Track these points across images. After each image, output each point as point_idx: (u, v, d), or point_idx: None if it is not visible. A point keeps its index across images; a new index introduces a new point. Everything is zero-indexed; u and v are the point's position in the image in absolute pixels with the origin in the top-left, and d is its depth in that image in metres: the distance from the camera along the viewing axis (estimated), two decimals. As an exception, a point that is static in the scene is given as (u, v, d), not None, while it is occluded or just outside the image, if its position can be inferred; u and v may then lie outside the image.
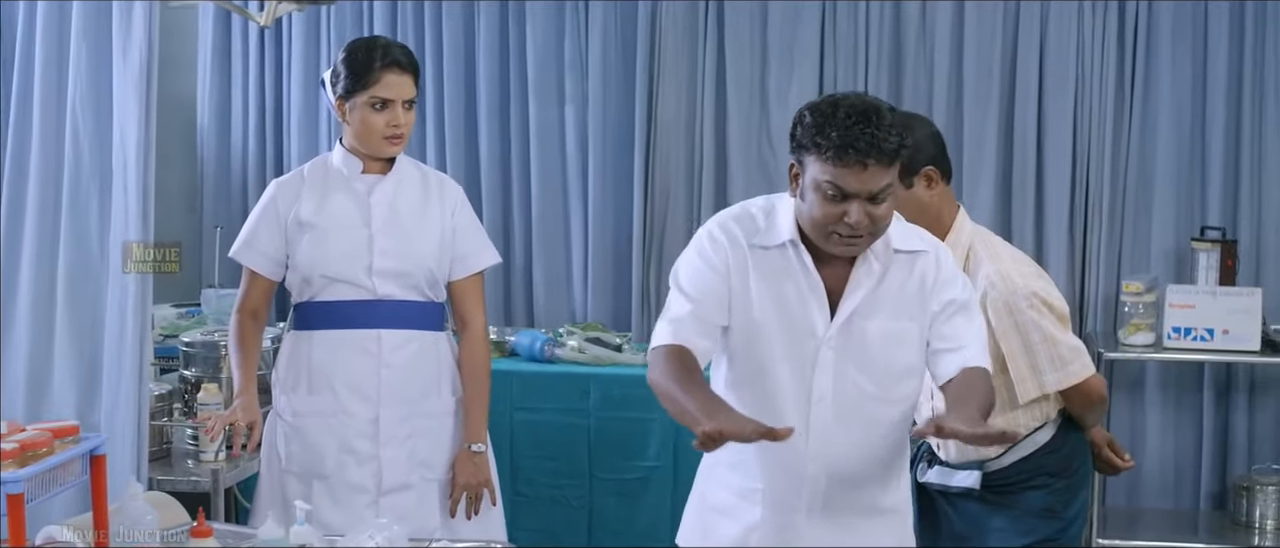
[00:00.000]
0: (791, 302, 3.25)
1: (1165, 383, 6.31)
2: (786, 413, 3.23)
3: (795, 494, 3.33)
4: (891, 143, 3.07)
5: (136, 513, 3.08)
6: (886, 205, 3.14)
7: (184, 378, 4.64)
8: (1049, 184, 6.30)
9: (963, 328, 3.28)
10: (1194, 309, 5.76)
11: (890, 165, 3.10)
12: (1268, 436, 6.27)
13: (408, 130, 4.16)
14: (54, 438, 2.99)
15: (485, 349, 4.30)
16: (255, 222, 4.22)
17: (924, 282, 3.29)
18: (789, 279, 3.26)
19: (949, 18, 6.30)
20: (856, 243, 3.17)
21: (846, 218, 3.10)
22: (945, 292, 3.30)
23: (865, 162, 3.05)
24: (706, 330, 3.26)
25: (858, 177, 3.07)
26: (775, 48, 6.42)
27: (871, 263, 3.25)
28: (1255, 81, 6.16)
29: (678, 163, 6.51)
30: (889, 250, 3.27)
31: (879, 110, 3.09)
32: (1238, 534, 5.99)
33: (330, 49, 6.65)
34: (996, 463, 3.84)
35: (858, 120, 3.05)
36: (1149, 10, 6.20)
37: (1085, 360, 3.80)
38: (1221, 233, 6.08)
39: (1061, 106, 6.26)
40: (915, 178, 3.78)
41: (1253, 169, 6.19)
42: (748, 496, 3.38)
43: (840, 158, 3.06)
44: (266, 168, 6.79)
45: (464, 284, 4.25)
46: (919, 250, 3.32)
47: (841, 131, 3.05)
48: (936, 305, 3.29)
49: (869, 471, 3.34)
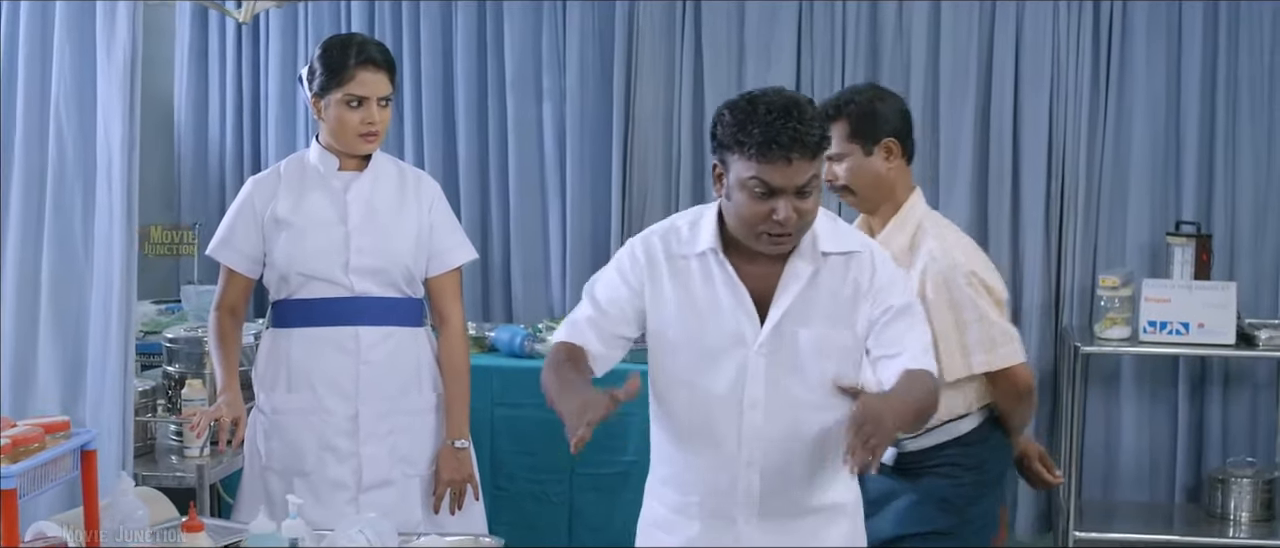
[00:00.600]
0: (715, 310, 3.24)
1: (1140, 376, 6.36)
2: (718, 421, 3.24)
3: (731, 503, 3.31)
4: (814, 135, 3.08)
5: (128, 508, 3.09)
6: (813, 199, 3.15)
7: (167, 374, 4.65)
8: (1025, 180, 6.34)
9: (903, 333, 3.25)
10: (1169, 303, 5.80)
11: (813, 158, 3.10)
12: (1242, 428, 6.33)
13: (383, 128, 4.17)
14: (45, 433, 2.99)
15: (464, 345, 4.32)
16: (232, 220, 4.23)
17: (858, 286, 3.26)
18: (711, 288, 3.25)
19: (925, 17, 6.34)
20: (785, 240, 3.17)
21: (774, 215, 3.11)
22: (885, 298, 3.26)
23: (789, 156, 3.06)
24: (603, 337, 3.29)
25: (783, 172, 3.08)
26: (752, 46, 6.45)
27: (798, 266, 3.23)
28: (1229, 78, 6.21)
29: (655, 160, 6.53)
30: (817, 252, 3.24)
31: (799, 104, 3.10)
32: (1213, 527, 6.04)
33: (308, 46, 6.65)
34: (913, 443, 3.85)
35: (779, 115, 3.06)
36: (1124, 10, 6.25)
37: (1017, 347, 3.84)
38: (1196, 227, 6.12)
39: (1037, 104, 6.30)
40: (876, 146, 3.85)
41: (1227, 164, 6.24)
42: (684, 510, 3.38)
43: (764, 154, 3.06)
44: (243, 165, 6.79)
45: (441, 280, 4.27)
46: (851, 251, 3.29)
47: (763, 128, 3.06)
48: (877, 311, 3.25)
49: (806, 472, 3.31)
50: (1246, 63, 6.20)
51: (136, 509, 3.10)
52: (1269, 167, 6.25)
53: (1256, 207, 6.26)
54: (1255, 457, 6.20)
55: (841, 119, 3.86)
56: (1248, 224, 6.27)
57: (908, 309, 3.27)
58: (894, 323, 3.24)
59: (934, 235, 3.84)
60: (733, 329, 3.23)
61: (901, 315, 3.25)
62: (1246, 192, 6.26)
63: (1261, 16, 6.17)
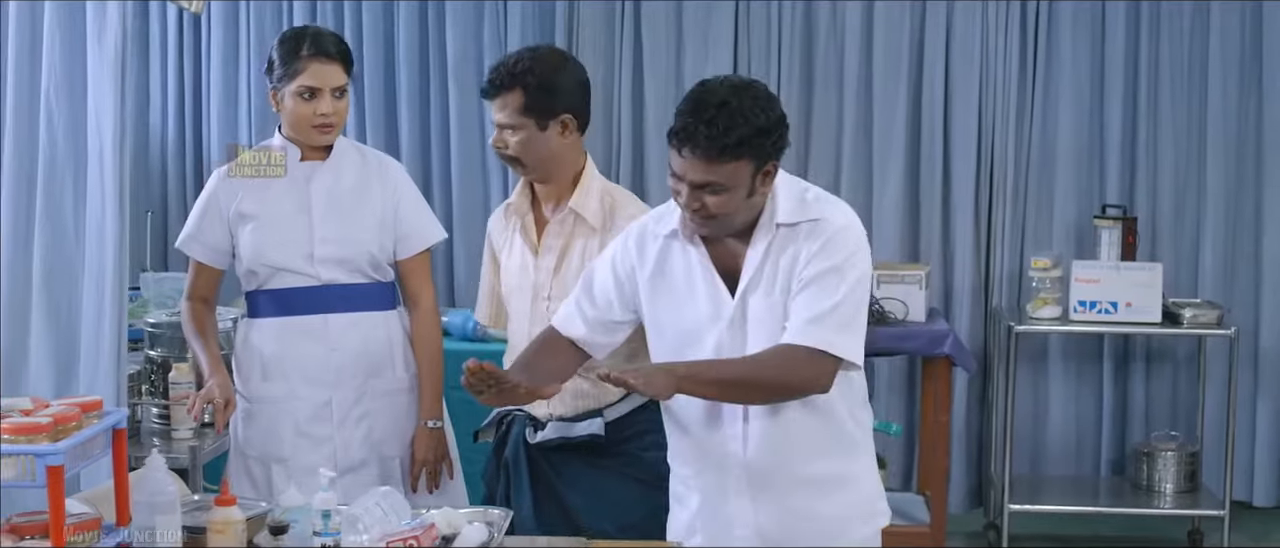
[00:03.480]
0: (690, 289, 3.29)
1: (1067, 355, 6.59)
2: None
3: (723, 475, 3.33)
4: (720, 142, 3.05)
5: (158, 484, 3.12)
6: (722, 198, 3.12)
7: (150, 358, 4.68)
8: (956, 168, 6.55)
9: (801, 303, 3.16)
10: (1099, 284, 6.01)
11: (713, 162, 3.07)
12: (1164, 404, 6.59)
13: (339, 119, 4.15)
14: (82, 412, 3.05)
15: (435, 326, 4.32)
16: (199, 214, 4.22)
17: (797, 251, 3.19)
18: (683, 268, 3.30)
19: (859, 9, 6.52)
20: (706, 223, 3.17)
21: (678, 198, 3.16)
22: (807, 267, 3.17)
23: (681, 149, 3.08)
24: (590, 323, 3.38)
25: (682, 163, 3.10)
26: (690, 39, 6.59)
27: (758, 240, 3.22)
28: (1151, 67, 6.46)
29: (595, 151, 6.45)
30: (773, 225, 3.21)
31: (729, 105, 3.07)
32: (1138, 498, 6.28)
33: (250, 37, 6.71)
34: (615, 410, 3.77)
35: (696, 110, 3.07)
36: (1049, 5, 6.47)
37: None
38: (1122, 210, 6.34)
39: (967, 95, 6.51)
40: (552, 121, 3.72)
41: (1149, 150, 6.50)
42: (686, 482, 3.44)
43: (672, 141, 3.11)
44: (185, 154, 6.84)
45: (410, 263, 4.26)
46: (800, 221, 3.22)
47: (681, 117, 3.10)
48: (796, 282, 3.18)
49: (791, 444, 3.29)
50: (1167, 53, 6.46)
51: (168, 484, 3.13)
52: (1189, 152, 6.51)
53: (1177, 190, 6.51)
54: (1178, 431, 6.44)
55: (516, 89, 3.70)
56: (1169, 208, 6.52)
57: (817, 277, 3.16)
58: (801, 292, 3.17)
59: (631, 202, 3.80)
60: (705, 306, 3.27)
61: (810, 285, 3.16)
62: (1167, 176, 6.51)
63: (1181, 9, 6.42)
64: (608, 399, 3.76)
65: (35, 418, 2.95)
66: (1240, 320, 6.30)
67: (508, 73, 3.70)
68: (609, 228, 3.74)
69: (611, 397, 3.76)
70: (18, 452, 2.89)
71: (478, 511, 3.49)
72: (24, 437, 2.91)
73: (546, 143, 3.73)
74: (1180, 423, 6.52)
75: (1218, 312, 6.05)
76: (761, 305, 3.22)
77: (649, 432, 3.72)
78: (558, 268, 3.80)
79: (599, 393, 3.75)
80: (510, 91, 3.70)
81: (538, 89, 3.70)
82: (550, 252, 3.82)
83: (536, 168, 3.77)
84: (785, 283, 3.19)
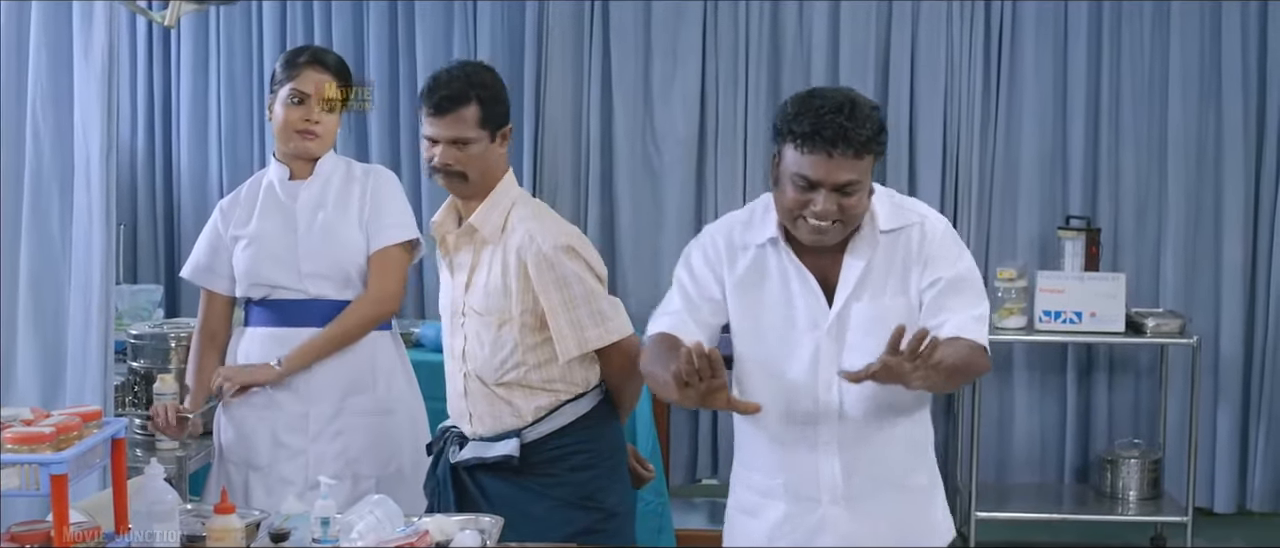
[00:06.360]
0: (785, 297, 3.31)
1: (1032, 364, 6.66)
2: (796, 405, 3.30)
3: (815, 484, 3.35)
4: (861, 135, 3.10)
5: (156, 493, 3.16)
6: (856, 198, 3.17)
7: (133, 370, 4.70)
8: (921, 176, 6.61)
9: (949, 302, 3.22)
10: (1063, 293, 6.10)
11: (857, 157, 3.12)
12: (1127, 411, 6.67)
13: (327, 132, 4.21)
14: (82, 422, 3.07)
15: (361, 311, 4.20)
16: (205, 245, 4.30)
17: (908, 254, 3.26)
18: (778, 276, 3.32)
19: (825, 16, 6.57)
20: (825, 231, 3.19)
21: (812, 206, 3.16)
22: (933, 269, 3.24)
23: (830, 151, 3.10)
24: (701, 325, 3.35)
25: (824, 165, 3.11)
26: (659, 45, 6.63)
27: (860, 247, 3.27)
28: (1113, 77, 6.54)
29: (564, 159, 6.68)
30: (876, 233, 3.26)
31: (856, 103, 3.14)
32: (1102, 504, 6.36)
33: (220, 49, 6.71)
34: (534, 431, 3.77)
35: (831, 110, 3.11)
36: (1013, 10, 6.55)
37: (624, 319, 3.78)
38: (1085, 221, 6.43)
39: (932, 102, 6.57)
40: (499, 132, 3.75)
41: (1111, 160, 6.57)
42: (769, 493, 3.43)
43: (809, 146, 3.12)
44: (155, 166, 6.83)
45: (373, 258, 4.22)
46: (901, 226, 3.29)
47: (813, 119, 3.11)
48: (925, 282, 3.25)
49: (887, 452, 3.35)
50: (1129, 61, 6.54)
51: (166, 493, 3.16)
52: (1150, 163, 6.59)
53: (1139, 201, 6.59)
54: (1141, 438, 6.53)
55: (473, 103, 3.71)
56: (1132, 218, 6.60)
57: (956, 280, 3.25)
58: (943, 294, 3.23)
59: (531, 216, 3.76)
60: (802, 314, 3.29)
61: (950, 287, 3.24)
62: (1129, 187, 6.59)
63: (1142, 16, 6.51)
64: (526, 421, 3.78)
65: (38, 428, 2.98)
66: (1201, 328, 6.38)
67: (464, 86, 3.72)
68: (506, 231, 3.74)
69: (530, 419, 3.78)
70: (21, 461, 2.92)
71: (469, 517, 3.53)
72: (27, 446, 2.93)
73: (491, 155, 3.75)
74: (1143, 431, 6.61)
75: (1180, 321, 6.14)
76: (866, 312, 3.26)
77: (575, 453, 3.78)
78: (469, 284, 3.83)
79: (519, 415, 3.78)
80: (467, 105, 3.71)
81: (491, 100, 3.74)
82: (462, 268, 3.85)
83: (478, 181, 3.78)
84: (898, 284, 3.27)
